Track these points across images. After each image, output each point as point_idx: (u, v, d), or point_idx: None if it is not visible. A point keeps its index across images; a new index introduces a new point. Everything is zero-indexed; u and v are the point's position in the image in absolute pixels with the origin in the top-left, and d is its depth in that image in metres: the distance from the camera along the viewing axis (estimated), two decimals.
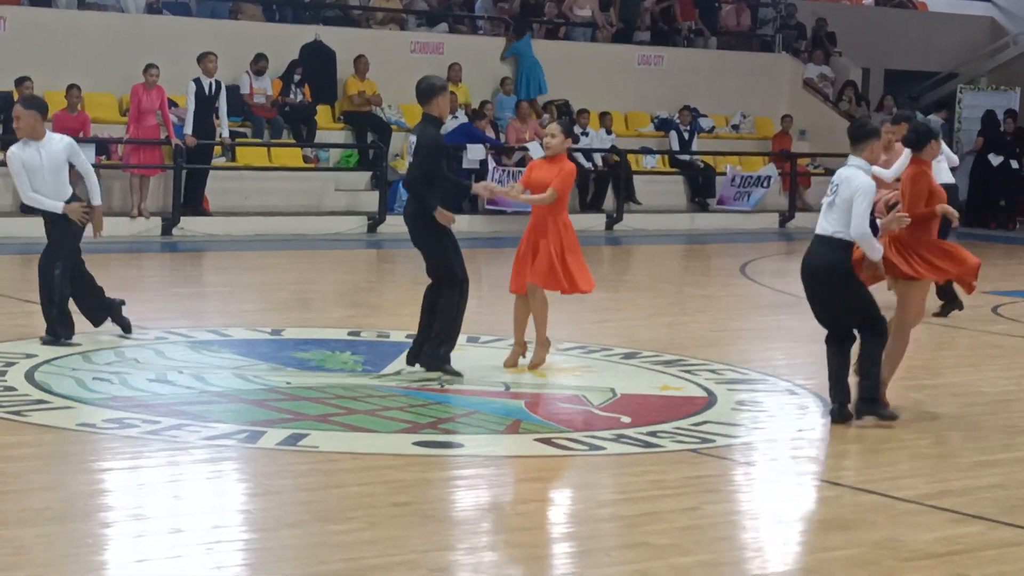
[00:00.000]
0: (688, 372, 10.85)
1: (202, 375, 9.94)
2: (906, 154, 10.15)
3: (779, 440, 9.08)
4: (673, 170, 25.39)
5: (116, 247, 18.29)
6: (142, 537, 6.41)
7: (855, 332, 9.29)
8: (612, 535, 6.82)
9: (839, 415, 9.23)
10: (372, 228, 21.40)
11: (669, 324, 13.63)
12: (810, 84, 27.96)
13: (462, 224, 22.27)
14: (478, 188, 11.40)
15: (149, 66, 19.69)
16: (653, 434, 8.81)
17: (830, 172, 24.37)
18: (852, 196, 9.02)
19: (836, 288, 9.18)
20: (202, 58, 20.19)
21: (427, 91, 10.51)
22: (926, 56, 30.42)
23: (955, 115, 28.13)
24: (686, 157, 25.29)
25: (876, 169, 9.38)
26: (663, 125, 25.79)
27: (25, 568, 5.85)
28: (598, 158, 24.21)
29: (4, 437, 8.01)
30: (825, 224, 9.20)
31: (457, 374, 10.15)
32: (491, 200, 22.37)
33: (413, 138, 14.87)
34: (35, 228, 18.73)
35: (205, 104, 20.15)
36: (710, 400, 9.90)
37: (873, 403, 9.27)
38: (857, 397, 9.26)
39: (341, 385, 9.83)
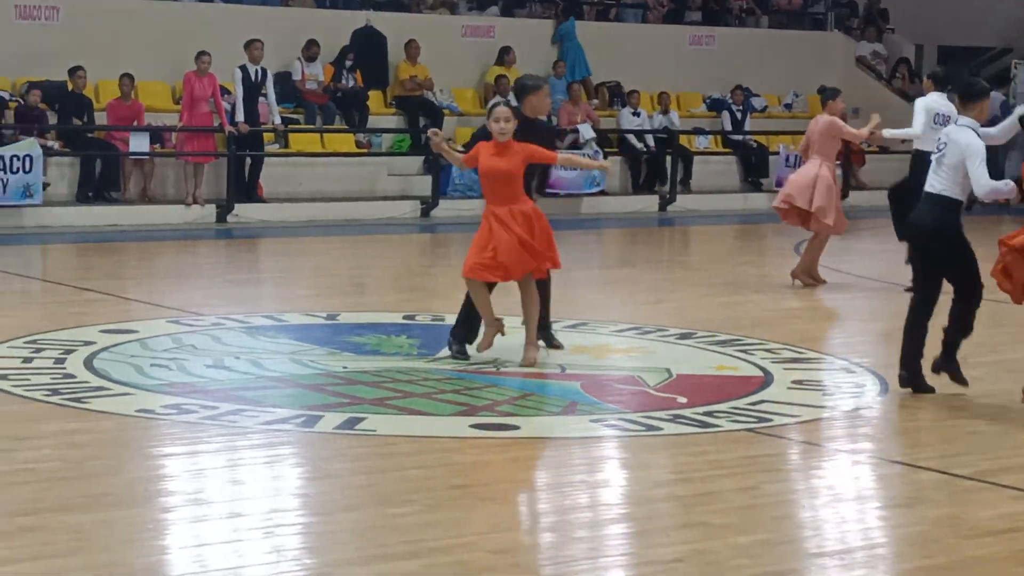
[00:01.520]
0: (744, 352, 10.81)
1: (259, 360, 9.99)
2: (1017, 112, 10.14)
3: (836, 419, 9.05)
4: (726, 150, 25.29)
5: (171, 235, 18.41)
6: (201, 522, 6.45)
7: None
8: (670, 515, 6.81)
9: (908, 382, 9.27)
10: (425, 212, 21.43)
11: (724, 304, 13.58)
12: (863, 62, 27.79)
13: None
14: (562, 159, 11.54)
15: (201, 53, 19.75)
16: (709, 414, 8.79)
17: (884, 150, 24.28)
18: (963, 158, 9.08)
19: (943, 246, 9.26)
20: (248, 45, 20.25)
21: (517, 91, 10.91)
22: (980, 31, 30.14)
23: (1011, 90, 27.87)
24: (739, 137, 25.18)
25: (984, 129, 9.37)
26: (715, 105, 25.69)
27: (87, 553, 5.90)
28: (651, 139, 24.15)
29: (65, 424, 8.07)
30: (934, 181, 9.32)
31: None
32: (552, 184, 22.37)
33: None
34: (91, 217, 18.95)
35: (252, 91, 20.22)
36: (766, 379, 9.87)
37: (951, 362, 9.31)
38: (940, 354, 9.33)
39: (397, 369, 9.85)
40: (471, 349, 10.19)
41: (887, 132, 14.56)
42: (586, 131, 22.70)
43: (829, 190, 14.38)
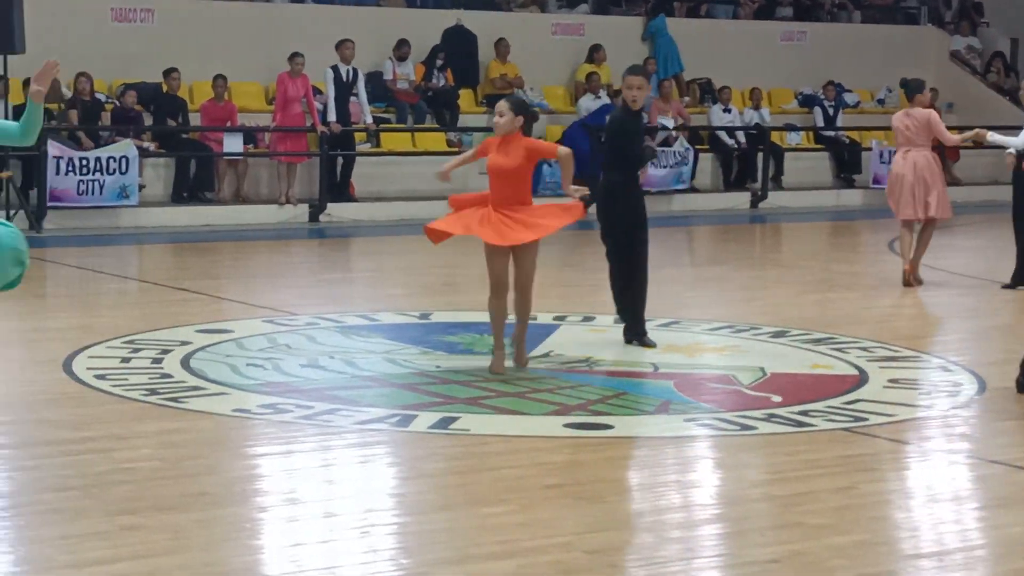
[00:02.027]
0: (838, 350, 10.73)
1: (353, 360, 10.04)
2: None
3: (933, 418, 8.96)
4: (818, 146, 25.12)
5: (264, 234, 18.55)
6: (296, 521, 6.49)
7: None
8: (766, 515, 6.77)
9: None
10: None
11: (817, 302, 13.49)
12: (957, 56, 27.49)
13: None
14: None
15: (294, 54, 19.90)
16: (804, 413, 8.73)
17: (978, 145, 24.00)
18: None
19: None
20: (339, 45, 20.38)
21: None
22: None
23: None
24: (831, 133, 25.00)
25: None
26: (807, 101, 25.53)
27: (185, 552, 5.95)
28: (742, 136, 24.04)
29: (163, 423, 8.16)
30: None
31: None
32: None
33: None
34: (185, 218, 19.14)
35: (343, 90, 20.33)
36: (861, 378, 9.79)
37: None
38: None
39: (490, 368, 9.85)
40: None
41: (991, 136, 14.41)
42: (665, 122, 22.63)
43: (938, 178, 14.41)
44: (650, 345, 10.66)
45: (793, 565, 5.97)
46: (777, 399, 9.11)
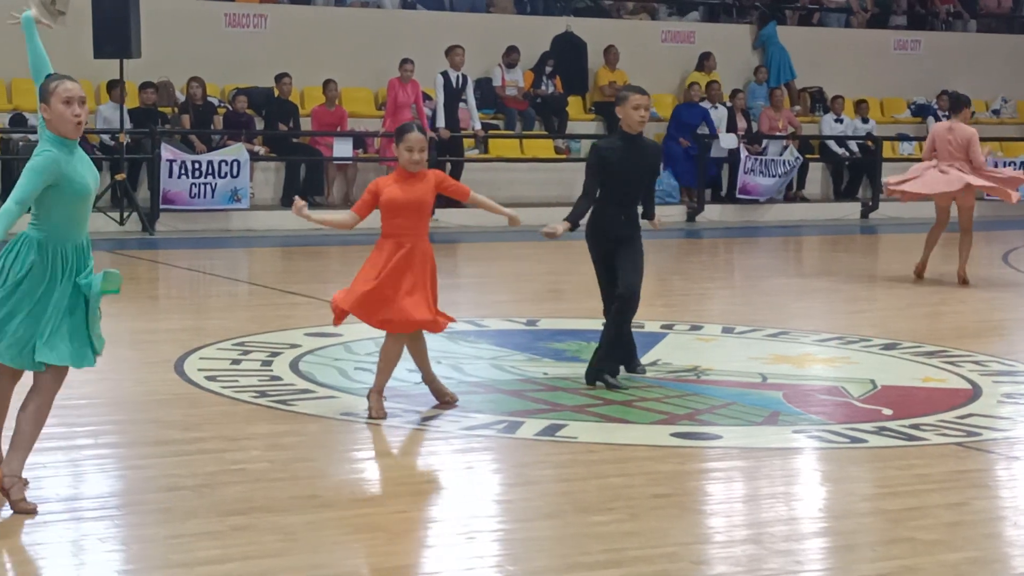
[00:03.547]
0: (951, 363, 10.59)
1: (460, 365, 10.06)
2: None
3: None
4: None
5: (372, 239, 18.59)
6: (402, 526, 6.50)
7: None
8: (876, 530, 6.69)
9: None
10: None
11: (929, 314, 13.34)
12: None
13: (712, 214, 22.21)
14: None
15: (404, 61, 20.01)
16: (916, 427, 8.62)
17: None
18: None
19: None
20: (449, 51, 20.46)
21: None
22: None
23: None
24: None
25: None
26: (920, 111, 25.25)
27: (295, 554, 5.99)
28: (853, 146, 23.82)
29: (273, 426, 8.22)
30: None
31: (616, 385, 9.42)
32: (743, 189, 22.22)
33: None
34: (296, 221, 19.24)
35: (452, 97, 20.41)
36: (975, 392, 9.65)
37: None
38: None
39: None
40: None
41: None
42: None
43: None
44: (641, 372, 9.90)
45: None
46: (888, 412, 9.00)
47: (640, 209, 9.80)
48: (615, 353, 9.56)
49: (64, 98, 6.34)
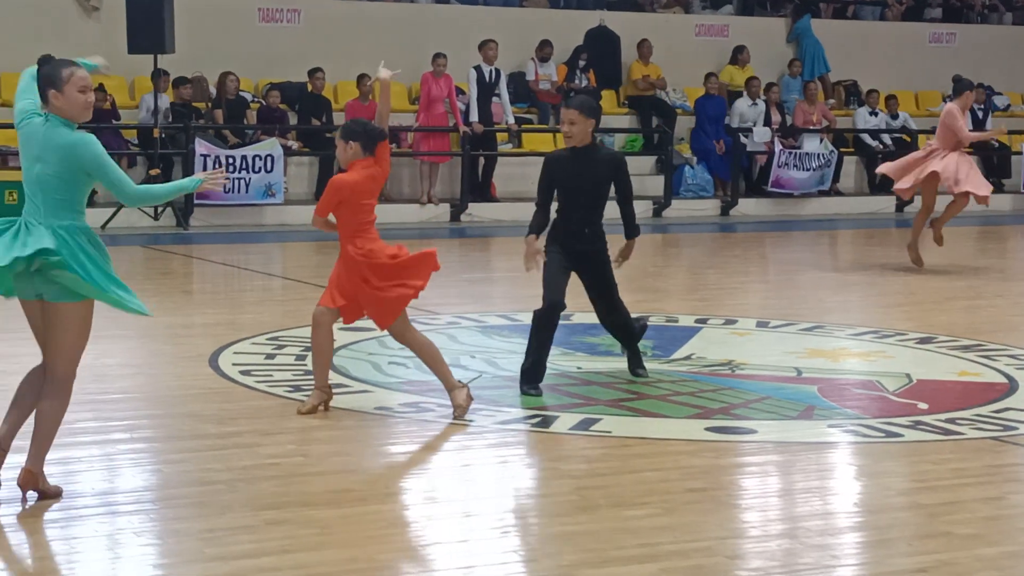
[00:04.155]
0: (987, 357, 10.54)
1: (494, 360, 10.06)
2: None
3: None
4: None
5: (407, 233, 18.65)
6: (435, 520, 6.51)
7: None
8: (912, 524, 6.66)
9: None
10: (657, 212, 21.37)
11: (965, 308, 13.27)
12: None
13: (746, 207, 22.16)
14: None
15: (437, 55, 20.01)
16: (952, 421, 8.58)
17: None
18: None
19: None
20: (482, 46, 20.46)
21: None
22: None
23: None
24: None
25: None
26: None
27: (330, 548, 6.00)
28: (887, 139, 23.73)
29: (306, 420, 8.22)
30: None
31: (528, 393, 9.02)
32: (776, 183, 22.17)
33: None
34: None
35: (486, 91, 20.40)
36: (1011, 386, 9.60)
37: None
38: None
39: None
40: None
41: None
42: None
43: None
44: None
45: (941, 575, 5.86)
46: (923, 406, 8.96)
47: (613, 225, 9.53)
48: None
49: (80, 87, 6.47)
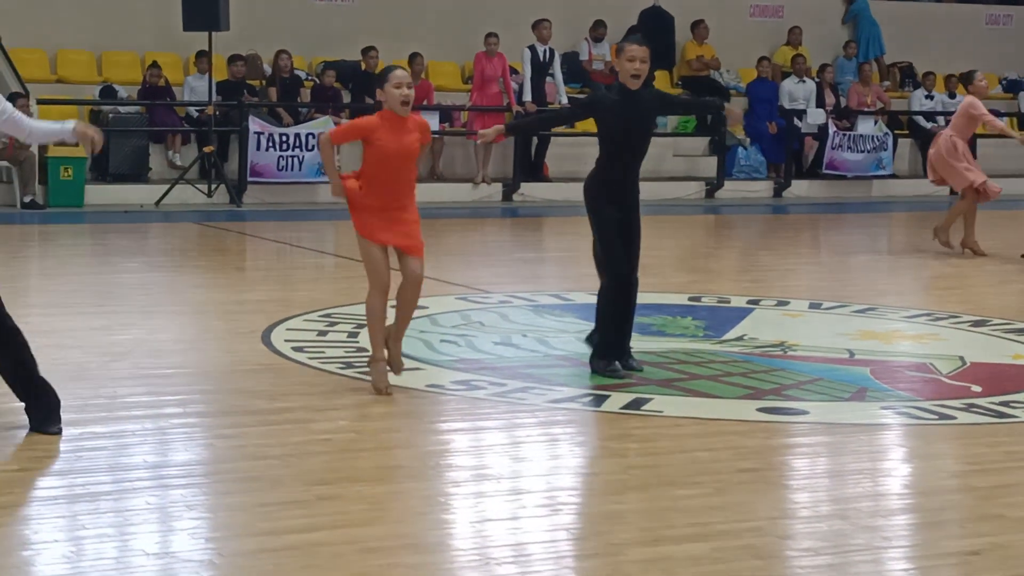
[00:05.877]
0: None
1: (545, 339, 10.06)
2: None
3: None
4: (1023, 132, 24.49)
5: (459, 212, 18.68)
6: (486, 497, 6.51)
7: None
8: (964, 507, 6.63)
9: None
10: (710, 193, 21.31)
11: (1019, 291, 13.18)
12: None
13: (799, 189, 22.05)
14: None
15: (490, 34, 20.00)
16: (1006, 404, 8.53)
17: None
18: None
19: None
20: (536, 25, 20.42)
21: None
22: None
23: None
24: None
25: None
26: (1012, 87, 24.93)
27: (383, 524, 6.02)
28: (942, 121, 23.55)
29: (358, 396, 8.23)
30: None
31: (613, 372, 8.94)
32: (830, 164, 22.06)
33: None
34: None
35: (540, 71, 20.37)
36: None
37: None
38: None
39: (683, 350, 9.81)
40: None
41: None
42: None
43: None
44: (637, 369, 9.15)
45: (994, 558, 5.82)
46: (977, 389, 8.91)
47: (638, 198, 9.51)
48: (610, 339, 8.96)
49: None
